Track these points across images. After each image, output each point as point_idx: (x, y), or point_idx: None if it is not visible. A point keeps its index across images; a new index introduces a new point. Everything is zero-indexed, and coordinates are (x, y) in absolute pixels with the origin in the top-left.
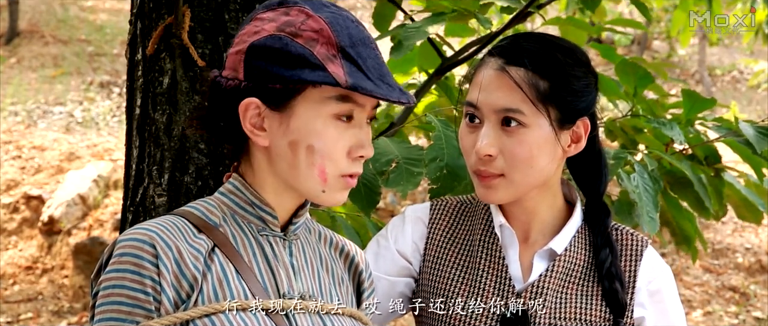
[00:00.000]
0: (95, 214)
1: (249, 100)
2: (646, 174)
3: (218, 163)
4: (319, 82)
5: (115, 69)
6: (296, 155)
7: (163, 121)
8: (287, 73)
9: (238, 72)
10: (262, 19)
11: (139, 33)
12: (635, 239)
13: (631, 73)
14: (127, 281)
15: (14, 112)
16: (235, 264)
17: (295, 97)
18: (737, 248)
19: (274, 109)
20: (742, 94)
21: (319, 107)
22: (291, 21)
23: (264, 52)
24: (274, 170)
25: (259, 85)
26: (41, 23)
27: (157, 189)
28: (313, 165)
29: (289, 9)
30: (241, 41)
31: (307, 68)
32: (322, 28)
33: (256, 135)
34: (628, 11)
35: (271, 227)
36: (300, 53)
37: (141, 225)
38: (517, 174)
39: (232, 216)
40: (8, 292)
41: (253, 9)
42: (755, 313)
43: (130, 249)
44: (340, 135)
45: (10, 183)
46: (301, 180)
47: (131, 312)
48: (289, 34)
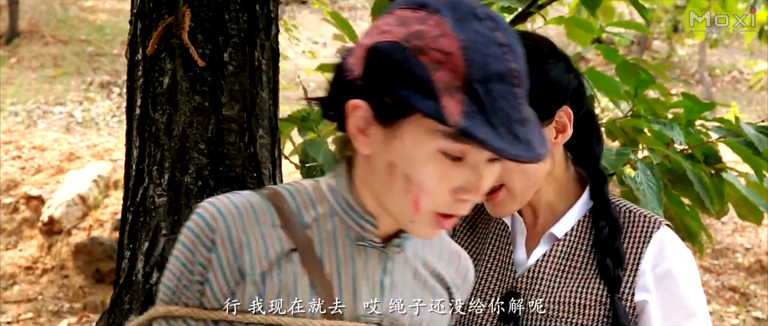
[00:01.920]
0: (95, 214)
1: (358, 101)
2: (648, 171)
3: (218, 163)
4: (427, 114)
5: (115, 69)
6: (393, 178)
7: (163, 121)
8: (399, 92)
9: (356, 66)
10: (398, 16)
11: (139, 33)
12: (646, 220)
13: (631, 74)
14: (183, 258)
15: (14, 112)
16: (311, 275)
17: (404, 118)
18: (737, 248)
19: (381, 122)
20: (742, 94)
21: (426, 137)
22: (422, 33)
23: (383, 59)
24: (371, 182)
25: (372, 91)
26: (41, 23)
27: (157, 189)
28: (408, 194)
29: (427, 16)
30: (371, 34)
31: (420, 93)
32: (453, 52)
33: (359, 140)
34: (628, 12)
35: (370, 237)
36: (417, 74)
37: (219, 199)
38: (514, 183)
39: (331, 216)
40: (8, 292)
41: (253, 9)
42: (755, 313)
43: (195, 226)
44: (445, 173)
45: (10, 183)
46: (393, 203)
47: (177, 287)
48: (413, 48)
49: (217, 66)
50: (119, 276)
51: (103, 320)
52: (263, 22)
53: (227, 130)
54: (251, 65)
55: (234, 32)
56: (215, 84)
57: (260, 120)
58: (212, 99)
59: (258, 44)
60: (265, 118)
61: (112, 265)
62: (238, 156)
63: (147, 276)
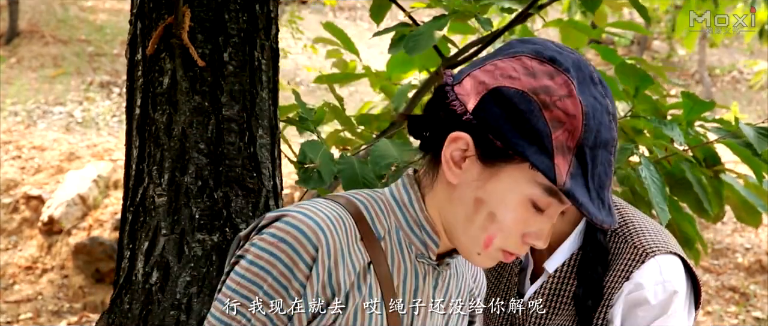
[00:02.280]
0: (95, 214)
1: (463, 135)
2: (651, 166)
3: (218, 163)
4: (539, 169)
5: (115, 69)
6: (476, 213)
7: (163, 121)
8: (514, 139)
9: (469, 100)
10: (525, 65)
11: (139, 33)
12: (633, 253)
13: (630, 74)
14: (277, 272)
15: (14, 112)
16: (383, 288)
17: (508, 162)
18: (737, 248)
19: (482, 159)
20: (742, 94)
21: (523, 184)
22: (551, 89)
23: (506, 103)
24: (447, 208)
25: (482, 129)
26: (41, 23)
27: (157, 189)
28: (485, 231)
29: (556, 73)
30: (492, 73)
31: (535, 146)
32: (576, 116)
33: (451, 169)
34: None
35: (430, 254)
36: (538, 129)
37: (314, 211)
38: None
39: (397, 231)
40: (8, 292)
41: (253, 9)
42: (755, 313)
43: (293, 239)
44: (527, 219)
45: (10, 183)
46: (467, 235)
47: (266, 302)
48: (540, 102)
49: (216, 66)
50: (119, 276)
51: (102, 320)
52: (263, 22)
53: (227, 130)
54: (251, 65)
55: (234, 32)
56: (215, 84)
57: (260, 120)
58: (212, 99)
59: (258, 44)
60: (265, 118)
61: (112, 265)
62: (238, 156)
63: (147, 276)
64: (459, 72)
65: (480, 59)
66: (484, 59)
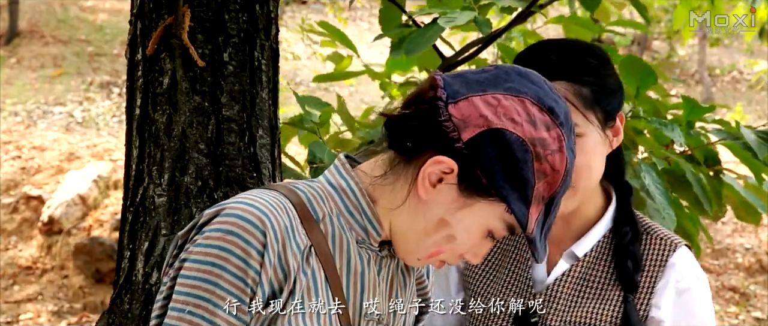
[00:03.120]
0: (95, 214)
1: (450, 161)
2: (653, 172)
3: (218, 163)
4: (515, 215)
5: (115, 69)
6: (436, 232)
7: (163, 121)
8: (501, 182)
9: (465, 128)
10: (528, 111)
11: (139, 33)
12: (664, 242)
13: (633, 72)
14: (231, 265)
15: (14, 112)
16: (326, 271)
17: (485, 198)
18: (737, 248)
19: (461, 188)
20: (741, 94)
21: (490, 218)
22: (546, 143)
23: (504, 147)
24: (405, 214)
25: (471, 163)
26: (41, 23)
27: (157, 189)
28: (436, 246)
29: (552, 125)
30: (495, 109)
31: (517, 192)
32: (560, 171)
33: (425, 186)
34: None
35: (371, 241)
36: (526, 178)
37: (253, 199)
38: (581, 181)
39: (337, 216)
40: (8, 292)
41: (253, 9)
42: (755, 313)
43: (240, 229)
44: (477, 243)
45: (10, 184)
46: (416, 243)
47: (224, 297)
48: (535, 154)
49: (216, 66)
50: (119, 276)
51: (102, 320)
52: (263, 22)
53: (227, 130)
54: (251, 65)
55: (234, 32)
56: (215, 84)
57: (260, 120)
58: (212, 99)
59: (258, 44)
60: (265, 118)
61: (112, 265)
62: (237, 156)
63: (147, 276)
64: (453, 87)
65: (478, 78)
66: (483, 81)
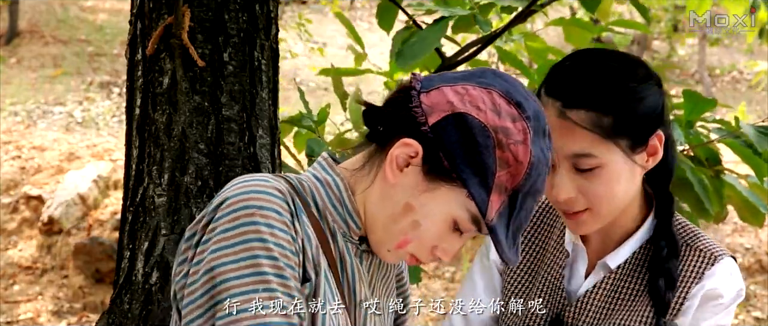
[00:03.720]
0: (95, 214)
1: (415, 144)
2: None
3: (218, 163)
4: (474, 199)
5: (115, 69)
6: (402, 217)
7: (163, 121)
8: (462, 165)
9: (431, 113)
10: (494, 101)
11: (139, 33)
12: (703, 254)
13: None
14: (282, 240)
15: (14, 112)
16: (329, 261)
17: (447, 182)
18: (737, 248)
19: (424, 172)
20: (742, 94)
21: (454, 206)
22: (509, 132)
23: (466, 131)
24: (376, 202)
25: (434, 145)
26: (41, 23)
27: (157, 189)
28: (403, 234)
29: (518, 118)
30: (461, 96)
31: (477, 178)
32: (523, 163)
33: (392, 170)
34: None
35: (352, 234)
36: (486, 164)
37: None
38: (603, 208)
39: (323, 210)
40: (8, 292)
41: (253, 9)
42: (755, 313)
43: (268, 203)
44: (444, 235)
45: (10, 183)
46: (385, 232)
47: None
48: (496, 140)
49: (216, 66)
50: (119, 276)
51: (102, 320)
52: (263, 22)
53: (227, 130)
54: (251, 65)
55: (234, 32)
56: (215, 84)
57: (260, 120)
58: (212, 99)
59: (258, 44)
60: (264, 118)
61: (112, 265)
62: (238, 156)
63: (147, 276)
64: (430, 80)
65: (454, 74)
66: (458, 76)
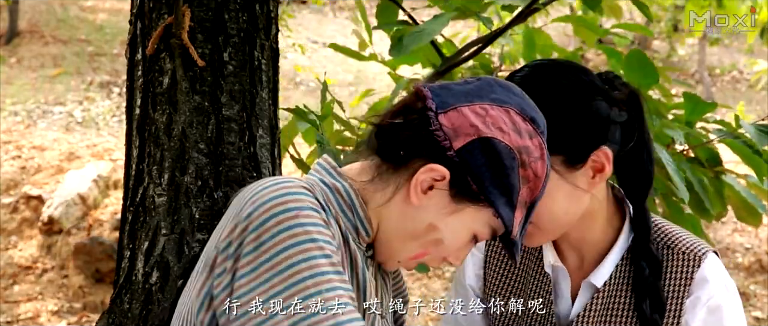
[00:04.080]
0: (95, 214)
1: (443, 169)
2: (664, 151)
3: (218, 163)
4: (503, 220)
5: (115, 69)
6: (424, 235)
7: (163, 121)
8: (490, 188)
9: (456, 138)
10: (513, 121)
11: (139, 33)
12: (688, 256)
13: (637, 67)
14: (328, 237)
15: (14, 112)
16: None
17: (474, 203)
18: (737, 248)
19: (451, 195)
20: (741, 94)
21: (477, 223)
22: (530, 150)
23: (493, 154)
24: (393, 218)
25: (462, 170)
26: (41, 23)
27: (157, 189)
28: (422, 249)
29: (534, 134)
30: (483, 119)
31: (505, 198)
32: (541, 177)
33: (417, 193)
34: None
35: (360, 241)
36: (512, 184)
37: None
38: (544, 224)
39: (335, 215)
40: (8, 292)
41: (253, 9)
42: (755, 313)
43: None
44: (461, 246)
45: (10, 183)
46: (402, 245)
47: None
48: (521, 161)
49: (216, 66)
50: (119, 276)
51: (102, 320)
52: (263, 22)
53: (227, 130)
54: (251, 65)
55: (234, 32)
56: (215, 84)
57: (260, 120)
58: (212, 99)
59: (258, 44)
60: (264, 118)
61: (112, 265)
62: (238, 156)
63: (147, 276)
64: (439, 96)
65: (462, 88)
66: (470, 92)
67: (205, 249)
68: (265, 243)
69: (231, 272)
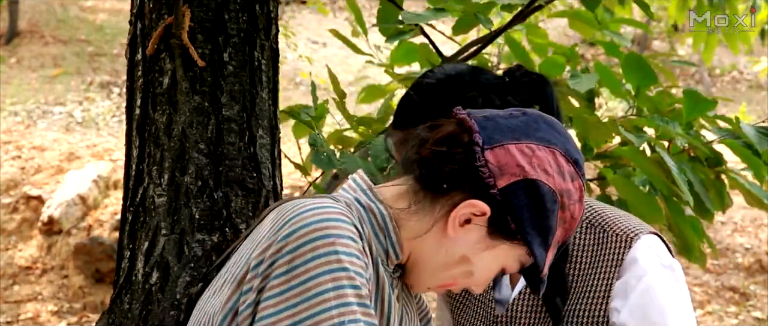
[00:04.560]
0: (95, 214)
1: (484, 206)
2: (665, 154)
3: (218, 163)
4: (536, 259)
5: (115, 69)
6: (456, 266)
7: (163, 121)
8: (528, 228)
9: (501, 176)
10: (558, 163)
11: (139, 33)
12: (619, 239)
13: (635, 68)
14: (360, 268)
15: (14, 112)
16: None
17: (509, 241)
18: (737, 248)
19: (489, 231)
20: (742, 94)
21: (509, 259)
22: (571, 194)
23: (537, 197)
24: (427, 247)
25: (503, 209)
26: (41, 23)
27: (157, 189)
28: (452, 279)
29: (576, 177)
30: (530, 159)
31: (541, 238)
32: (576, 219)
33: (454, 225)
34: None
35: (388, 263)
36: (550, 226)
37: (329, 210)
38: None
39: (368, 237)
40: (8, 292)
41: (253, 9)
42: (755, 313)
43: (344, 231)
44: (490, 278)
45: (10, 183)
46: (433, 274)
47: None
48: (561, 203)
49: (216, 66)
50: (119, 276)
51: (102, 320)
52: (263, 22)
53: (227, 130)
54: (251, 65)
55: (234, 32)
56: (215, 84)
57: (260, 120)
58: (212, 99)
59: (258, 44)
60: (264, 118)
61: (112, 265)
62: (238, 156)
63: (147, 276)
64: (488, 131)
65: (510, 122)
66: (517, 129)
67: (235, 260)
68: (297, 268)
69: (257, 291)
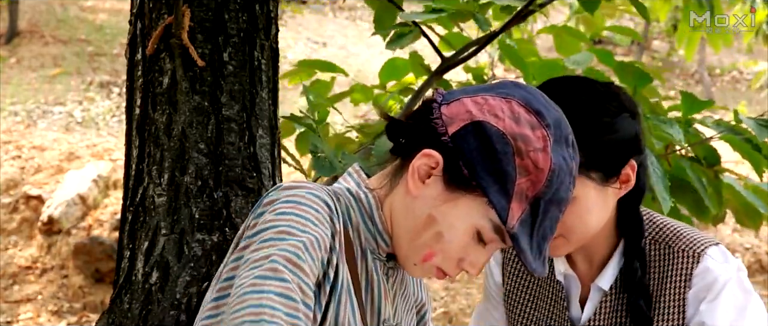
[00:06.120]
0: (95, 214)
1: (436, 154)
2: (653, 157)
3: (218, 163)
4: (494, 207)
5: (115, 69)
6: (425, 229)
7: (163, 121)
8: (481, 173)
9: (452, 123)
10: (513, 110)
11: (139, 33)
12: (686, 254)
13: (629, 74)
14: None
15: (14, 112)
16: (352, 275)
17: (468, 192)
18: (737, 248)
19: (445, 182)
20: (741, 94)
21: (475, 215)
22: (528, 139)
23: (485, 139)
24: (400, 216)
25: (455, 155)
26: (41, 23)
27: (157, 189)
28: (428, 247)
29: (538, 126)
30: (480, 106)
31: (498, 185)
32: (543, 170)
33: (415, 181)
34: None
35: (380, 251)
36: (506, 171)
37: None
38: (574, 236)
39: (356, 226)
40: (8, 292)
41: (253, 9)
42: None
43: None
44: (468, 247)
45: (10, 183)
46: (410, 246)
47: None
48: (515, 148)
49: (216, 66)
50: (119, 276)
51: (102, 320)
52: (263, 22)
53: (227, 130)
54: (251, 65)
55: (234, 32)
56: (215, 84)
57: (260, 120)
58: (212, 99)
59: (258, 44)
60: (264, 118)
61: (112, 265)
62: (237, 156)
63: (147, 276)
64: (451, 93)
65: (476, 87)
66: (479, 88)
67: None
68: (266, 213)
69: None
